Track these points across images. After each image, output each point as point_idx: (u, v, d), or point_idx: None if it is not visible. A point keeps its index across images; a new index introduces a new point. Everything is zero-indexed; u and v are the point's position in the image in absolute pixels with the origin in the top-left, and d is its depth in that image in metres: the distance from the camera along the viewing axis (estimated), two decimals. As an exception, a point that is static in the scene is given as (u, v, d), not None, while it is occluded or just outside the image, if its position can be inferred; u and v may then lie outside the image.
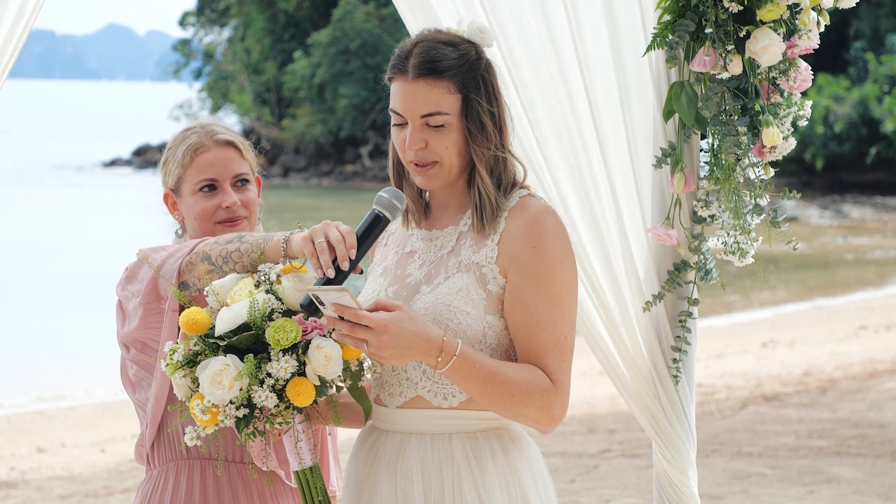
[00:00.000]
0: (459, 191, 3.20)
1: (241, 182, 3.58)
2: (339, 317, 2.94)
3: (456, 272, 3.12)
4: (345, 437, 8.59)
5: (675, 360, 3.59)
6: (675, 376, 3.59)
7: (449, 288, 3.10)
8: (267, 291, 3.08)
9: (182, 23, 51.68)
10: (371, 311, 2.95)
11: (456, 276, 3.11)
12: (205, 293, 3.16)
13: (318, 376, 3.04)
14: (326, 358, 3.02)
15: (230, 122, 44.62)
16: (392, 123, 3.17)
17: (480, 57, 3.15)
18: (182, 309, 3.24)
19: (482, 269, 3.11)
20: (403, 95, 3.11)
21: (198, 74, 52.08)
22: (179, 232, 3.66)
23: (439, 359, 2.98)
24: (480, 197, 3.12)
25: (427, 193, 3.27)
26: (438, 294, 3.10)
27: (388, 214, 3.08)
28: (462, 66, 3.10)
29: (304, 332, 3.04)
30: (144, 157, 48.08)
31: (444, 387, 3.12)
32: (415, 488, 3.11)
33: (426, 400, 3.13)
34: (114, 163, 48.94)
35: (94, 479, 9.41)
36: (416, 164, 3.13)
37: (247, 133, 42.18)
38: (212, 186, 3.54)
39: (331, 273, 2.98)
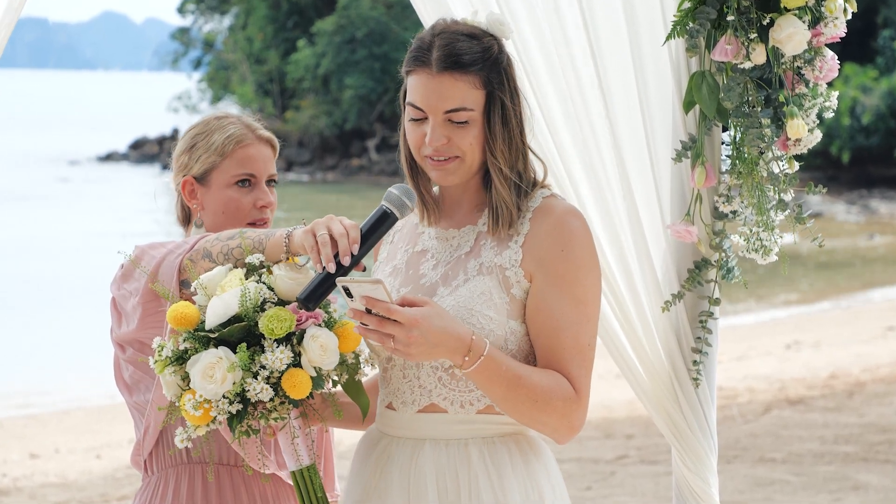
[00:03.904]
0: (475, 188, 3.11)
1: (271, 183, 3.53)
2: (367, 310, 2.85)
3: (476, 274, 3.03)
4: (346, 444, 8.52)
5: (695, 363, 3.53)
6: (696, 379, 3.53)
7: (470, 291, 3.00)
8: (258, 281, 3.00)
9: (181, 10, 51.58)
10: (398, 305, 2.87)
11: (477, 279, 3.02)
12: (192, 290, 3.06)
13: (315, 367, 2.95)
14: (322, 348, 2.93)
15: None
16: (408, 118, 3.06)
17: (502, 51, 3.06)
18: None
19: (505, 271, 3.02)
20: (425, 89, 3.00)
21: (197, 64, 52.01)
22: (199, 223, 3.56)
23: (466, 358, 2.89)
24: (496, 198, 3.04)
25: (437, 189, 3.17)
26: (459, 297, 3.00)
27: (396, 212, 2.98)
28: (486, 61, 3.01)
29: (298, 321, 2.95)
30: (141, 150, 47.65)
31: (460, 394, 3.03)
32: (429, 494, 3.02)
33: (441, 408, 3.05)
34: (109, 157, 48.45)
35: (89, 487, 9.34)
36: (434, 160, 3.03)
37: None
38: (248, 181, 3.47)
39: (331, 268, 2.89)
